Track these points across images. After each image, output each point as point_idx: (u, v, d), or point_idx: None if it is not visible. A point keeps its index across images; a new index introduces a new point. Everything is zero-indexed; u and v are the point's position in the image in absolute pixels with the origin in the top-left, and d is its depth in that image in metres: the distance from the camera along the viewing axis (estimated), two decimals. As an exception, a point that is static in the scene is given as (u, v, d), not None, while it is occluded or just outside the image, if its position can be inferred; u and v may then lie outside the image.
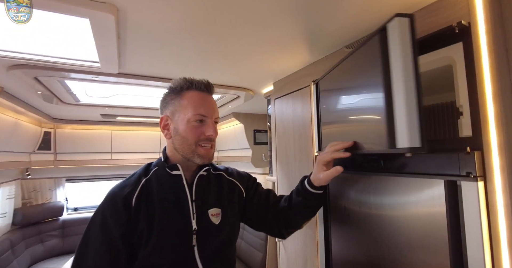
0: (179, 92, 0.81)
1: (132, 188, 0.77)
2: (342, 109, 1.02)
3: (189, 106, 0.78)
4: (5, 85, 1.61)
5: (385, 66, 0.72)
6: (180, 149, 0.80)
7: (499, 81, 0.69)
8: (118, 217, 0.73)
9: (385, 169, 0.91)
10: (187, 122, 0.78)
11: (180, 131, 0.79)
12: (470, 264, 0.68)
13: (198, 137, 0.79)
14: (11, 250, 2.76)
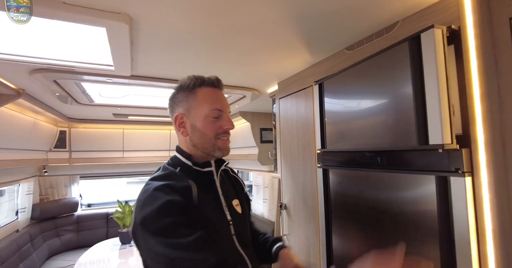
0: (192, 89, 0.81)
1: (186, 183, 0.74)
2: (356, 108, 1.07)
3: (204, 102, 0.80)
4: (26, 87, 1.72)
5: (418, 71, 0.80)
6: (200, 144, 0.80)
7: (487, 83, 0.73)
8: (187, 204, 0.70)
9: (381, 165, 0.96)
10: (205, 118, 0.79)
11: (198, 127, 0.80)
12: (458, 251, 0.74)
13: (217, 130, 0.80)
14: (31, 243, 2.91)
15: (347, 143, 1.13)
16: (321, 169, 1.27)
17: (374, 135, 1.00)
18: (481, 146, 0.73)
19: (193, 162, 0.81)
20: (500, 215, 0.71)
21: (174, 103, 0.84)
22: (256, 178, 3.57)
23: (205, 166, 0.82)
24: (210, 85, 0.83)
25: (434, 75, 0.76)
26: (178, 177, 0.77)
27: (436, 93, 0.76)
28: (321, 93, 1.27)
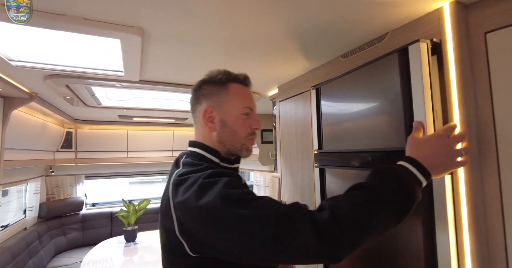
0: (224, 84, 0.78)
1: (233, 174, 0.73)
2: (350, 111, 1.16)
3: (236, 99, 0.77)
4: (38, 91, 1.81)
5: (406, 79, 0.89)
6: (228, 142, 0.76)
7: (464, 91, 0.82)
8: None
9: (372, 165, 1.04)
10: (237, 115, 0.76)
11: (229, 124, 0.76)
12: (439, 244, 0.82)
13: (247, 131, 0.77)
14: (39, 240, 3.00)
15: (341, 144, 1.21)
16: (318, 168, 1.35)
17: (366, 136, 1.08)
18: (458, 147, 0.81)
19: (221, 158, 0.77)
20: (475, 209, 0.79)
21: (201, 95, 0.79)
22: (257, 178, 3.66)
23: (234, 162, 0.79)
24: (241, 82, 0.80)
25: (420, 83, 0.84)
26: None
27: (421, 100, 0.84)
28: (318, 97, 1.36)
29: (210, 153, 0.76)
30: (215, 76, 0.79)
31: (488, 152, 0.80)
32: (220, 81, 0.78)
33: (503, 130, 0.77)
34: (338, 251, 0.56)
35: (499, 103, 0.78)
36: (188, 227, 0.61)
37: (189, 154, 0.78)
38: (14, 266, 2.38)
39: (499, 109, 0.78)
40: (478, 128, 0.82)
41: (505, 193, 0.76)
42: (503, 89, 0.77)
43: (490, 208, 0.79)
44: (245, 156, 0.80)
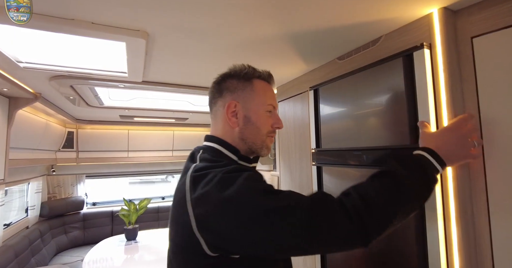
0: (249, 79, 0.76)
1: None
2: (348, 111, 1.21)
3: (261, 95, 0.75)
4: (43, 91, 1.85)
5: (410, 81, 0.94)
6: (250, 139, 0.74)
7: (452, 91, 0.86)
8: None
9: (367, 163, 1.09)
10: (261, 112, 0.75)
11: (253, 120, 0.74)
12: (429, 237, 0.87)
13: (268, 129, 0.76)
14: (41, 239, 3.04)
15: (338, 142, 1.26)
16: (315, 166, 1.40)
17: (364, 135, 1.13)
18: (447, 145, 0.86)
19: (238, 155, 0.74)
20: (462, 204, 0.84)
21: (224, 89, 0.76)
22: (256, 177, 3.71)
23: (253, 161, 0.77)
24: (265, 79, 0.79)
25: (425, 86, 0.89)
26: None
27: (426, 102, 0.89)
28: (316, 97, 1.41)
29: (228, 149, 0.73)
30: (240, 71, 0.77)
31: (475, 150, 0.84)
32: (245, 76, 0.76)
33: (489, 130, 0.82)
34: (368, 234, 0.57)
35: (485, 104, 0.83)
36: (209, 222, 0.58)
37: (206, 148, 0.74)
38: (17, 263, 2.41)
39: (484, 110, 0.83)
40: (466, 128, 0.86)
41: (490, 188, 0.81)
42: (488, 91, 0.82)
43: (477, 203, 0.84)
44: (264, 155, 0.78)
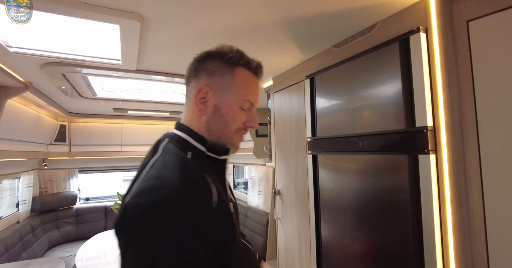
0: (232, 66, 0.66)
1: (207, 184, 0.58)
2: (344, 99, 1.21)
3: (241, 88, 0.66)
4: (33, 81, 1.81)
5: (406, 66, 0.94)
6: (216, 132, 0.66)
7: (447, 75, 0.87)
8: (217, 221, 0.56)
9: (362, 149, 1.09)
10: (233, 106, 0.66)
11: (223, 113, 0.66)
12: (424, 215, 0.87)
13: (239, 125, 0.67)
14: (32, 233, 2.99)
15: (334, 130, 1.26)
16: (311, 155, 1.40)
17: (359, 122, 1.13)
18: (442, 128, 0.87)
19: (207, 146, 0.66)
20: (457, 185, 0.84)
21: (202, 70, 0.68)
22: (252, 171, 3.70)
23: (223, 153, 0.69)
24: (252, 70, 0.69)
25: (420, 70, 0.89)
26: (195, 171, 0.60)
27: (422, 85, 0.89)
28: (312, 86, 1.40)
29: (196, 140, 0.66)
30: (225, 53, 0.67)
31: (469, 133, 0.85)
32: (228, 61, 0.66)
33: (483, 113, 0.82)
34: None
35: (480, 87, 0.83)
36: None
37: (173, 137, 0.68)
38: (8, 257, 2.37)
39: (479, 93, 0.83)
40: (461, 111, 0.87)
41: (485, 171, 0.82)
42: (484, 74, 0.82)
43: (471, 185, 0.85)
44: (230, 152, 0.71)
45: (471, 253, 0.83)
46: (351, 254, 1.16)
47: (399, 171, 0.96)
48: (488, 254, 0.80)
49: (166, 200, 0.51)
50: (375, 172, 1.06)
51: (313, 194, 1.39)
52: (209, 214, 0.55)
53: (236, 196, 4.25)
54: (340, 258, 1.23)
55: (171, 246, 0.49)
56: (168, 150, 0.64)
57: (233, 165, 4.28)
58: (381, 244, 1.03)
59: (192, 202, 0.53)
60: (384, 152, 1.01)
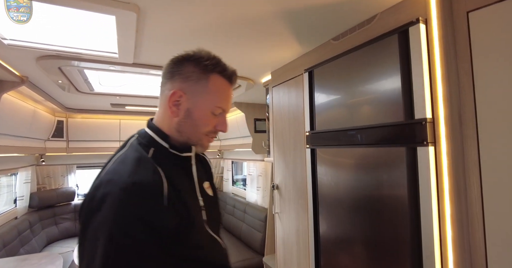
0: (208, 72, 0.69)
1: (156, 176, 0.62)
2: (343, 92, 1.20)
3: (214, 94, 0.69)
4: (29, 75, 1.79)
5: (406, 58, 0.93)
6: (186, 133, 0.70)
7: (447, 67, 0.86)
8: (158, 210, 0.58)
9: (361, 142, 1.09)
10: (205, 111, 0.69)
11: (194, 117, 0.69)
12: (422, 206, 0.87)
13: (209, 129, 0.71)
14: (30, 229, 2.98)
15: (332, 124, 1.25)
16: (309, 149, 1.40)
17: (358, 115, 1.13)
18: (441, 120, 0.86)
19: (170, 144, 0.70)
20: (456, 177, 0.84)
21: (177, 73, 0.70)
22: (250, 168, 3.70)
23: (185, 151, 0.71)
24: (227, 77, 0.72)
25: (420, 62, 0.89)
26: (148, 166, 0.63)
27: (421, 77, 0.88)
28: (310, 80, 1.40)
29: (160, 137, 0.70)
30: (202, 59, 0.69)
31: (468, 125, 0.85)
32: (205, 68, 0.69)
33: (483, 104, 0.82)
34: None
35: (479, 79, 0.83)
36: None
37: (142, 134, 0.72)
38: (6, 252, 2.37)
39: (479, 84, 0.83)
40: (460, 103, 0.87)
41: (484, 163, 0.82)
42: (483, 66, 0.82)
43: (470, 177, 0.84)
44: (199, 151, 0.75)
45: (468, 245, 0.83)
46: (350, 248, 1.16)
47: (397, 163, 0.96)
48: (486, 245, 0.80)
49: (116, 193, 0.56)
50: (373, 165, 1.06)
51: (311, 187, 1.39)
52: (155, 205, 0.57)
53: (235, 192, 4.27)
54: (338, 251, 1.23)
55: (113, 234, 0.53)
56: (132, 145, 0.69)
57: (232, 161, 4.28)
58: (379, 237, 1.03)
59: (138, 195, 0.57)
60: (382, 145, 1.01)
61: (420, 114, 0.88)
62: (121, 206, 0.55)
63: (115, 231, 0.53)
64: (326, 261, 1.31)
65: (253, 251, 2.93)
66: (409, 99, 0.92)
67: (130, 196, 0.56)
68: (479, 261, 0.81)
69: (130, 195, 0.56)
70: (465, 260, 0.83)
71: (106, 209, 0.55)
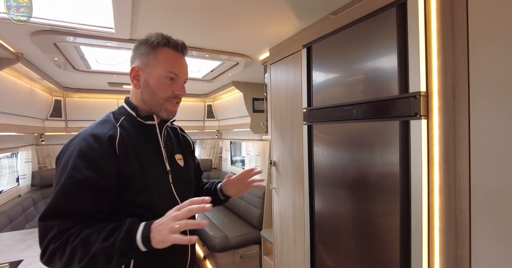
0: (155, 47, 0.84)
1: (112, 131, 0.79)
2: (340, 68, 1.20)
3: (163, 63, 0.83)
4: (25, 52, 1.77)
5: (403, 32, 0.93)
6: (148, 101, 0.85)
7: (443, 40, 0.87)
8: (108, 155, 0.75)
9: (356, 117, 1.11)
10: (159, 78, 0.83)
11: (150, 85, 0.83)
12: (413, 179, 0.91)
13: (168, 94, 0.85)
14: (34, 206, 3.06)
15: (329, 100, 1.27)
16: (306, 125, 1.42)
17: (354, 90, 1.14)
18: (435, 94, 0.88)
19: (137, 113, 0.86)
20: (446, 149, 0.87)
21: (135, 55, 0.87)
22: (249, 148, 3.75)
23: (147, 119, 0.88)
24: (174, 48, 0.85)
25: (416, 35, 0.89)
26: (109, 125, 0.82)
27: (417, 51, 0.89)
28: (309, 56, 1.39)
29: (130, 107, 0.88)
30: (151, 38, 0.84)
31: (461, 99, 0.87)
32: (152, 44, 0.84)
33: (476, 78, 0.83)
34: None
35: (474, 53, 0.84)
36: None
37: (119, 107, 0.91)
38: (11, 228, 2.45)
39: (473, 58, 0.84)
40: (454, 76, 0.88)
41: (473, 135, 0.85)
42: (479, 39, 0.82)
43: (459, 149, 0.88)
44: (165, 117, 0.88)
45: (454, 212, 0.88)
46: (343, 220, 1.22)
47: (390, 138, 0.98)
48: (471, 213, 0.85)
49: (77, 142, 0.76)
50: (367, 140, 1.09)
51: (307, 163, 1.43)
52: (103, 150, 0.75)
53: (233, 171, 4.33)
54: (332, 223, 1.29)
55: (65, 167, 0.72)
56: (107, 114, 0.89)
57: (230, 141, 4.33)
58: (373, 208, 1.08)
59: (92, 141, 0.75)
60: (377, 119, 1.03)
61: (414, 88, 0.90)
62: (78, 148, 0.74)
63: (69, 165, 0.72)
64: (320, 233, 1.37)
65: (251, 227, 3.04)
66: (404, 73, 0.93)
67: (86, 141, 0.75)
68: (463, 228, 0.86)
69: (86, 141, 0.75)
70: (450, 227, 0.88)
71: (69, 151, 0.75)
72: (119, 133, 0.79)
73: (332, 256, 1.30)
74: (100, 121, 0.85)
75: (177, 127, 1.08)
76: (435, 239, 0.88)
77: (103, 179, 0.73)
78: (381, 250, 1.03)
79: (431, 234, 0.89)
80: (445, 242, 0.88)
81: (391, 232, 0.99)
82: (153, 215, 0.74)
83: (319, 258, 1.39)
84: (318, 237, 1.39)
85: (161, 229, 0.67)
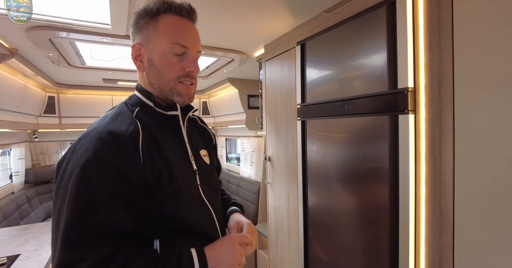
0: (154, 15, 0.66)
1: (132, 126, 0.62)
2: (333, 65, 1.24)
3: (166, 33, 0.65)
4: (19, 47, 1.76)
5: (392, 30, 0.97)
6: (156, 84, 0.68)
7: (429, 36, 0.91)
8: (133, 158, 0.59)
9: (348, 112, 1.15)
10: (163, 54, 0.66)
11: (155, 63, 0.66)
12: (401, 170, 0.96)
13: (177, 72, 0.67)
14: (28, 203, 3.06)
15: (323, 96, 1.31)
16: (300, 121, 1.46)
17: (346, 86, 1.18)
18: (422, 89, 0.92)
19: (155, 102, 0.70)
20: (432, 142, 0.92)
21: (134, 31, 0.69)
22: (244, 144, 3.78)
23: (169, 109, 0.70)
24: (178, 13, 0.67)
25: (405, 33, 0.93)
26: (127, 119, 0.64)
27: (405, 48, 0.93)
28: (303, 52, 1.43)
29: (144, 95, 0.70)
30: (148, 6, 0.66)
31: (446, 94, 0.91)
32: (151, 13, 0.66)
33: (460, 74, 0.88)
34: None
35: (458, 49, 0.88)
36: None
37: (130, 96, 0.74)
38: (6, 224, 2.45)
39: (458, 55, 0.88)
40: (440, 73, 0.92)
41: (457, 129, 0.89)
42: (463, 37, 0.87)
43: (444, 142, 0.92)
44: (180, 102, 0.71)
45: (439, 202, 0.93)
46: (336, 213, 1.27)
47: (380, 132, 1.03)
48: (454, 202, 0.90)
49: (92, 142, 0.57)
50: (358, 135, 1.13)
51: (301, 157, 1.47)
52: (128, 155, 0.58)
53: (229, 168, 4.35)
54: (325, 216, 1.34)
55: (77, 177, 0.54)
56: (118, 106, 0.71)
57: (226, 138, 4.35)
58: (361, 199, 1.12)
59: (112, 142, 0.58)
60: (368, 114, 1.07)
61: (403, 84, 0.94)
62: (92, 151, 0.56)
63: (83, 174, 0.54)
64: (314, 226, 1.42)
65: (246, 222, 3.09)
66: (393, 70, 0.97)
67: (102, 141, 0.57)
68: (447, 217, 0.91)
69: (102, 141, 0.57)
70: (435, 217, 0.93)
71: (79, 155, 0.56)
72: (141, 129, 0.63)
73: (325, 248, 1.34)
74: (114, 114, 0.66)
75: (196, 118, 0.89)
76: (421, 228, 0.93)
77: (129, 189, 0.57)
78: (371, 240, 1.08)
79: (417, 223, 0.93)
80: (431, 230, 0.92)
81: (380, 223, 1.03)
82: (181, 225, 0.64)
83: (312, 250, 1.43)
84: (311, 230, 1.43)
85: None
